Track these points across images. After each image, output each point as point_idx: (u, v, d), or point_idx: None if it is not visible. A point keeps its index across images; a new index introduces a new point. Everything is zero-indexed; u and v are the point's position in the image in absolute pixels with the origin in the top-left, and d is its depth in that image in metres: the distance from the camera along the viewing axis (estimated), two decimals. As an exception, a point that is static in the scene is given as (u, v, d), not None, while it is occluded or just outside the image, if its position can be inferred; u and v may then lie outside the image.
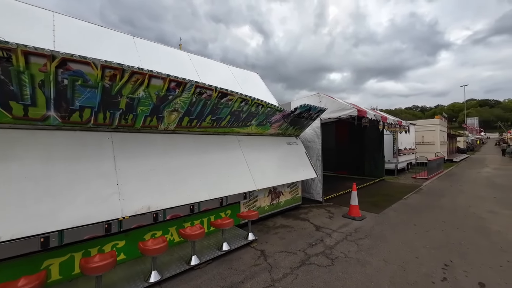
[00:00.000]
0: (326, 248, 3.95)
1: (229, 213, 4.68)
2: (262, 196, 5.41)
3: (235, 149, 4.90)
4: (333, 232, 4.66)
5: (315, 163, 6.83)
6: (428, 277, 3.07)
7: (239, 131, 5.08)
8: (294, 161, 6.11)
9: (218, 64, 7.24)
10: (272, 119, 5.24)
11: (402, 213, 5.84)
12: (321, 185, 6.84)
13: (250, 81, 7.83)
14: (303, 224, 5.18)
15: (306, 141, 7.13)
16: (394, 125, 9.07)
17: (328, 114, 6.69)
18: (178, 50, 6.56)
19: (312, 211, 6.18)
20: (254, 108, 4.46)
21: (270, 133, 5.90)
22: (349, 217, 5.52)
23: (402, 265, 3.37)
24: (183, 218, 3.88)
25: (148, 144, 3.65)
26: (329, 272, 3.22)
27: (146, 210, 3.14)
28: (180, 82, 3.07)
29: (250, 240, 4.12)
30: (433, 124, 17.19)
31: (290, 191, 6.21)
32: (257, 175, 4.88)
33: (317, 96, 6.99)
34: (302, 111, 5.43)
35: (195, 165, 4.05)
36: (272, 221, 5.41)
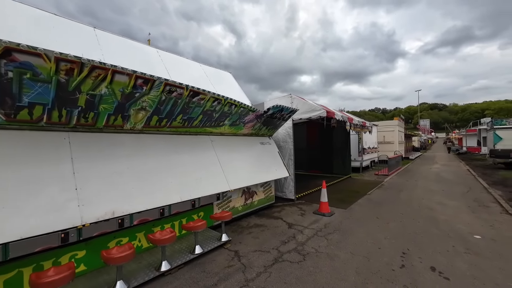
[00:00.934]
0: (298, 245, 4.08)
1: (202, 215, 4.57)
2: (236, 196, 5.39)
3: (208, 149, 4.81)
4: (305, 229, 4.82)
5: (287, 162, 7.00)
6: (389, 265, 3.35)
7: (212, 131, 4.99)
8: (267, 161, 6.19)
9: (190, 62, 7.03)
10: (246, 119, 5.24)
11: (366, 208, 6.29)
12: (293, 183, 7.04)
13: (223, 81, 7.75)
14: (276, 222, 5.28)
15: (279, 141, 7.27)
16: (359, 126, 9.72)
17: (299, 115, 6.91)
18: (147, 45, 6.22)
19: (285, 209, 6.33)
20: (227, 108, 4.42)
21: (244, 133, 5.90)
22: (319, 214, 5.77)
23: (366, 256, 3.62)
24: (152, 222, 3.68)
25: (112, 145, 3.39)
26: (301, 267, 3.32)
27: (110, 216, 2.91)
28: (148, 79, 2.91)
29: (224, 242, 4.07)
30: (392, 125, 18.81)
31: (264, 191, 6.28)
32: (230, 176, 4.84)
33: (289, 97, 7.18)
34: (275, 111, 5.53)
35: (166, 167, 3.88)
36: (246, 221, 5.42)
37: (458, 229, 4.61)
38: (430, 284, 2.88)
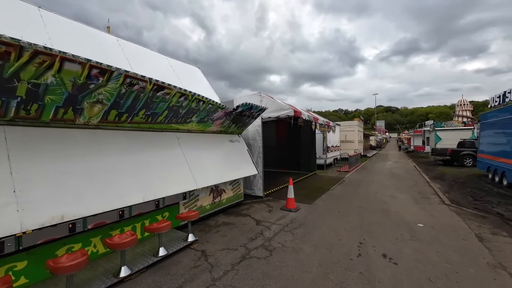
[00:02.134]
0: (266, 241, 4.16)
1: (167, 215, 4.36)
2: (204, 195, 5.27)
3: (174, 146, 4.60)
4: (272, 225, 4.94)
5: (256, 160, 7.07)
6: (347, 255, 3.62)
7: (178, 127, 4.79)
8: (236, 159, 6.18)
9: (155, 54, 6.63)
10: (214, 116, 5.14)
11: (329, 202, 6.69)
12: (262, 181, 7.15)
13: (191, 76, 7.48)
14: (245, 219, 5.31)
15: (248, 139, 7.30)
16: (324, 125, 10.27)
17: (268, 113, 7.02)
18: (106, 33, 5.68)
19: (253, 206, 6.40)
20: (195, 104, 4.28)
21: (212, 131, 5.79)
22: (286, 209, 5.97)
23: (328, 248, 3.86)
24: (110, 225, 3.40)
25: (61, 141, 3.03)
26: (267, 263, 3.40)
27: (58, 221, 2.60)
28: (105, 70, 2.66)
29: (190, 242, 3.96)
30: (353, 125, 20.28)
31: (233, 189, 6.26)
32: (198, 174, 4.71)
33: (258, 96, 7.25)
34: (244, 109, 5.53)
35: (126, 165, 3.61)
36: (214, 220, 5.34)
37: (405, 219, 5.19)
38: (381, 270, 3.19)
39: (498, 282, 2.89)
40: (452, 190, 8.14)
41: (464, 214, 5.47)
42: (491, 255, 3.55)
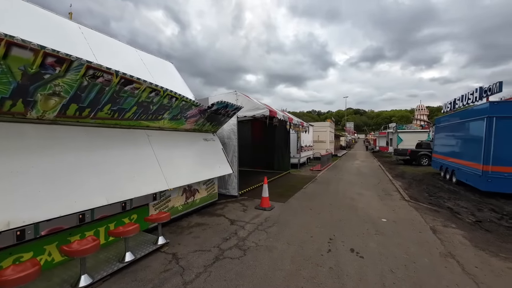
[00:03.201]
0: (240, 240, 4.14)
1: (135, 218, 4.11)
2: (176, 195, 5.07)
3: (143, 145, 4.34)
4: (246, 224, 4.93)
5: (231, 159, 7.01)
6: (318, 251, 3.75)
7: (149, 125, 4.53)
8: (210, 158, 6.05)
9: (124, 46, 6.19)
10: (188, 113, 4.97)
11: (302, 201, 6.89)
12: (236, 180, 7.10)
13: (163, 71, 7.14)
14: (219, 220, 5.23)
15: (224, 137, 7.20)
16: (298, 125, 10.54)
17: (244, 112, 6.99)
18: (67, 19, 5.14)
19: (228, 206, 6.33)
20: (167, 101, 4.09)
21: (186, 129, 5.59)
22: (260, 208, 6.00)
23: (300, 245, 3.96)
24: (69, 231, 3.09)
25: (9, 138, 2.67)
26: (241, 263, 3.38)
27: (3, 228, 2.29)
28: (63, 59, 2.40)
29: (161, 245, 3.77)
30: (325, 126, 21.17)
31: (207, 188, 6.12)
32: (169, 173, 4.51)
33: (234, 94, 7.18)
34: (219, 107, 5.43)
35: (88, 164, 3.31)
36: (186, 221, 5.17)
37: (371, 215, 5.55)
38: (349, 264, 3.37)
39: (448, 269, 3.23)
40: (411, 187, 8.91)
41: (421, 209, 6.02)
42: (442, 245, 3.95)
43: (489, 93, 10.88)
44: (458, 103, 13.94)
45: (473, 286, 2.86)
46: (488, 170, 7.00)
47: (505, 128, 6.79)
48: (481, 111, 7.51)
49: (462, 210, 5.97)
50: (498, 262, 3.43)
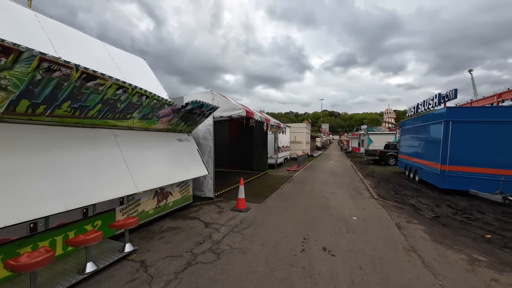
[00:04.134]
0: (214, 244, 4.04)
1: (99, 225, 3.80)
2: (146, 199, 4.81)
3: (109, 145, 4.05)
4: (221, 227, 4.84)
5: (207, 160, 6.84)
6: (292, 251, 3.79)
7: (116, 124, 4.24)
8: (185, 159, 5.84)
9: (89, 39, 5.73)
10: (160, 113, 4.74)
11: (278, 201, 6.96)
12: (212, 181, 6.96)
13: (135, 67, 6.76)
14: (193, 223, 5.06)
15: (199, 138, 7.01)
16: (275, 126, 10.65)
17: (220, 113, 6.87)
18: (24, 7, 4.61)
19: (203, 208, 6.17)
20: (136, 99, 3.85)
21: (158, 128, 5.34)
22: (236, 210, 5.94)
23: (275, 246, 3.98)
24: (18, 242, 2.76)
25: None
26: (214, 267, 3.29)
27: None
28: (9, 48, 2.12)
29: (127, 252, 3.54)
30: (302, 127, 21.70)
31: (180, 191, 5.90)
32: (139, 176, 4.26)
33: (210, 94, 7.03)
34: (194, 107, 5.26)
35: (43, 167, 2.99)
36: (158, 225, 4.92)
37: (343, 213, 5.77)
38: (321, 262, 3.45)
39: (410, 263, 3.45)
40: (379, 186, 9.47)
41: (387, 207, 6.41)
42: (406, 240, 4.23)
43: (446, 99, 11.98)
44: (420, 107, 15.16)
45: (431, 277, 3.09)
46: (446, 169, 7.68)
47: (460, 131, 7.50)
48: (439, 115, 8.22)
49: (423, 206, 6.47)
50: (452, 254, 3.75)
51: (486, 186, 7.02)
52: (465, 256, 3.67)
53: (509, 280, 3.05)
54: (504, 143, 7.02)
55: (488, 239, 4.33)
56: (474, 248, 3.95)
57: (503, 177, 6.86)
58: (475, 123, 7.37)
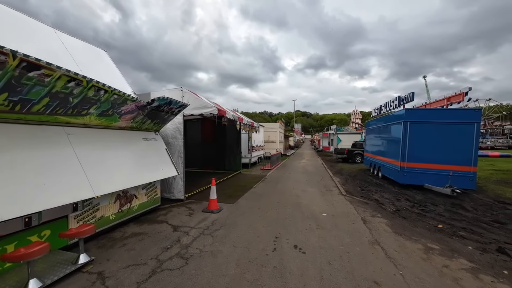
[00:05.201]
0: (182, 248, 3.83)
1: (47, 235, 3.35)
2: (107, 203, 4.39)
3: (60, 145, 3.60)
4: (191, 229, 4.63)
5: (176, 160, 6.53)
6: (264, 251, 3.76)
7: (69, 121, 3.79)
8: (152, 159, 5.48)
9: (38, 24, 5.06)
10: (122, 109, 4.37)
11: (251, 200, 6.90)
12: (182, 182, 6.65)
13: (94, 59, 6.17)
14: (160, 227, 4.76)
15: (167, 137, 6.65)
16: (248, 125, 10.59)
17: (190, 110, 6.60)
18: None
19: (172, 211, 5.86)
20: (93, 93, 3.47)
21: (121, 126, 4.92)
22: (208, 211, 5.74)
23: (247, 246, 3.90)
24: None
25: None
26: (182, 273, 3.10)
27: None
28: None
29: (82, 263, 3.17)
30: (275, 127, 22.01)
31: (147, 193, 5.52)
32: (97, 178, 3.87)
33: (180, 91, 6.70)
34: (161, 103, 4.96)
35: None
36: (120, 231, 4.54)
37: (313, 210, 5.92)
38: (292, 261, 3.46)
39: (374, 255, 3.64)
40: (347, 183, 9.96)
41: (354, 202, 6.74)
42: (371, 234, 4.46)
43: (405, 101, 13.05)
44: (383, 109, 16.33)
45: (393, 268, 3.28)
46: (404, 166, 8.35)
47: (416, 131, 8.20)
48: (399, 116, 8.91)
49: (386, 201, 6.94)
50: (411, 244, 4.05)
51: (438, 181, 7.78)
52: (421, 246, 3.98)
53: (458, 265, 3.37)
54: (452, 141, 7.84)
55: (440, 229, 4.77)
56: (428, 238, 4.31)
57: (451, 172, 7.67)
58: (429, 124, 8.12)
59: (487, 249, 3.89)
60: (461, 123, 7.80)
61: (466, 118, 7.85)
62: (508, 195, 7.62)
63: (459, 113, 8.67)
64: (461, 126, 7.79)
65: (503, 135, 42.91)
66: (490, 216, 5.63)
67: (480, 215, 5.66)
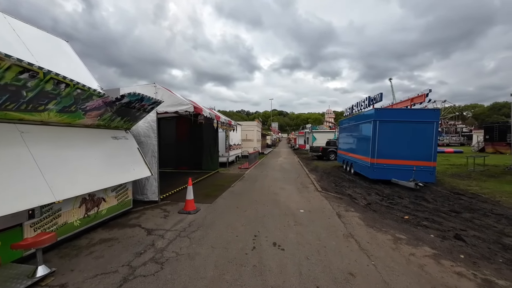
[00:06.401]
0: (157, 252, 3.63)
1: (-3, 246, 2.95)
2: (70, 208, 4.01)
3: (12, 144, 3.19)
4: (167, 232, 4.42)
5: (150, 160, 6.19)
6: (243, 250, 3.72)
7: (23, 117, 3.38)
8: (122, 159, 5.13)
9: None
10: (87, 105, 4.01)
11: (229, 200, 6.82)
12: (157, 183, 6.34)
13: (53, 50, 5.60)
14: (132, 231, 4.48)
15: (140, 135, 6.28)
16: (225, 124, 10.45)
17: (165, 108, 6.30)
18: None
19: (146, 213, 5.55)
20: (51, 87, 3.13)
21: (86, 124, 4.53)
22: (184, 212, 5.54)
23: (225, 247, 3.83)
24: None
25: None
26: (156, 279, 2.94)
27: None
28: None
29: (41, 277, 2.85)
30: (253, 125, 22.06)
31: (117, 196, 5.15)
32: (58, 181, 3.50)
33: (153, 87, 6.36)
34: (132, 100, 4.65)
35: None
36: (87, 238, 4.18)
37: (291, 207, 6.02)
38: (271, 258, 3.47)
39: (349, 248, 3.80)
40: (322, 179, 10.32)
41: (329, 198, 7.00)
42: (345, 228, 4.66)
43: (374, 102, 13.88)
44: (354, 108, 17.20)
45: (366, 259, 3.45)
46: (374, 162, 8.88)
47: (385, 129, 8.75)
48: (369, 115, 9.44)
49: (358, 195, 7.32)
50: (381, 235, 4.30)
51: (403, 175, 8.40)
52: (390, 236, 4.25)
53: (422, 253, 3.66)
54: (415, 139, 8.51)
55: (406, 220, 5.15)
56: (396, 229, 4.62)
57: (415, 167, 8.33)
58: (395, 122, 8.72)
59: (446, 236, 4.28)
60: (423, 122, 8.50)
61: (427, 117, 8.58)
62: (461, 187, 8.50)
63: (421, 113, 9.45)
64: (422, 125, 8.50)
65: (456, 133, 47.94)
66: (448, 206, 6.21)
67: (439, 206, 6.23)
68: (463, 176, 10.75)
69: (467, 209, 5.90)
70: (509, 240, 4.10)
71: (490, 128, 25.28)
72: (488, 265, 3.31)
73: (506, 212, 5.60)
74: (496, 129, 24.18)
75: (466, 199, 6.89)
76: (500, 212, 5.65)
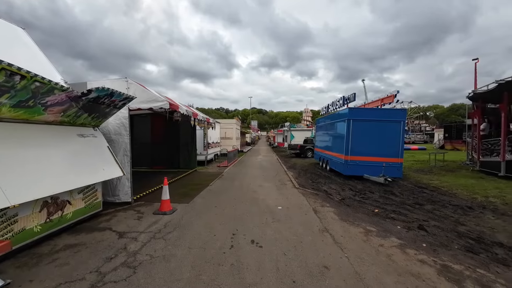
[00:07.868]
0: (129, 256, 3.45)
1: None
2: (29, 212, 3.65)
3: (-45, 143, 2.81)
4: (140, 234, 4.22)
5: (122, 159, 5.85)
6: (221, 249, 3.68)
7: (-31, 112, 2.99)
8: (90, 159, 4.80)
9: None
10: (48, 100, 3.66)
11: (207, 199, 6.71)
12: (129, 184, 6.02)
13: (6, 38, 5.03)
14: (102, 235, 4.21)
15: (110, 133, 5.90)
16: (203, 121, 10.23)
17: (138, 104, 5.98)
18: None
19: (117, 215, 5.25)
20: (4, 78, 2.80)
21: (47, 121, 4.15)
22: (160, 213, 5.34)
23: (203, 246, 3.76)
24: None
25: None
26: (128, 284, 2.79)
27: None
28: None
29: (-7, 290, 2.56)
30: (232, 123, 21.93)
31: (84, 198, 4.80)
32: (13, 183, 3.18)
33: (124, 82, 6.00)
34: (101, 95, 4.34)
35: None
36: (49, 244, 3.84)
37: (269, 204, 6.09)
38: (249, 256, 3.48)
39: (324, 242, 3.94)
40: (300, 176, 10.58)
41: (306, 194, 7.20)
42: (321, 222, 4.82)
43: (348, 101, 14.51)
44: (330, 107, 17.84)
45: (339, 252, 3.61)
46: (348, 159, 9.30)
47: (357, 127, 9.20)
48: (344, 114, 9.86)
49: (333, 191, 7.62)
50: (354, 229, 4.53)
51: (374, 171, 8.91)
52: (362, 229, 4.49)
53: (390, 243, 3.92)
54: (384, 137, 9.07)
55: (376, 213, 5.48)
56: (367, 222, 4.90)
57: (384, 163, 8.88)
58: (367, 121, 9.21)
59: (411, 227, 4.62)
60: (391, 121, 9.08)
61: (395, 117, 9.18)
62: (424, 181, 9.25)
63: (389, 112, 10.09)
64: (391, 124, 9.07)
65: (421, 131, 52.05)
66: (412, 199, 6.72)
67: (405, 199, 6.72)
68: (426, 171, 11.70)
69: (429, 201, 6.43)
70: (463, 228, 4.55)
71: (449, 127, 27.90)
72: (446, 252, 3.64)
73: (461, 203, 6.21)
74: (454, 128, 26.74)
75: (428, 192, 7.50)
76: (456, 203, 6.24)
